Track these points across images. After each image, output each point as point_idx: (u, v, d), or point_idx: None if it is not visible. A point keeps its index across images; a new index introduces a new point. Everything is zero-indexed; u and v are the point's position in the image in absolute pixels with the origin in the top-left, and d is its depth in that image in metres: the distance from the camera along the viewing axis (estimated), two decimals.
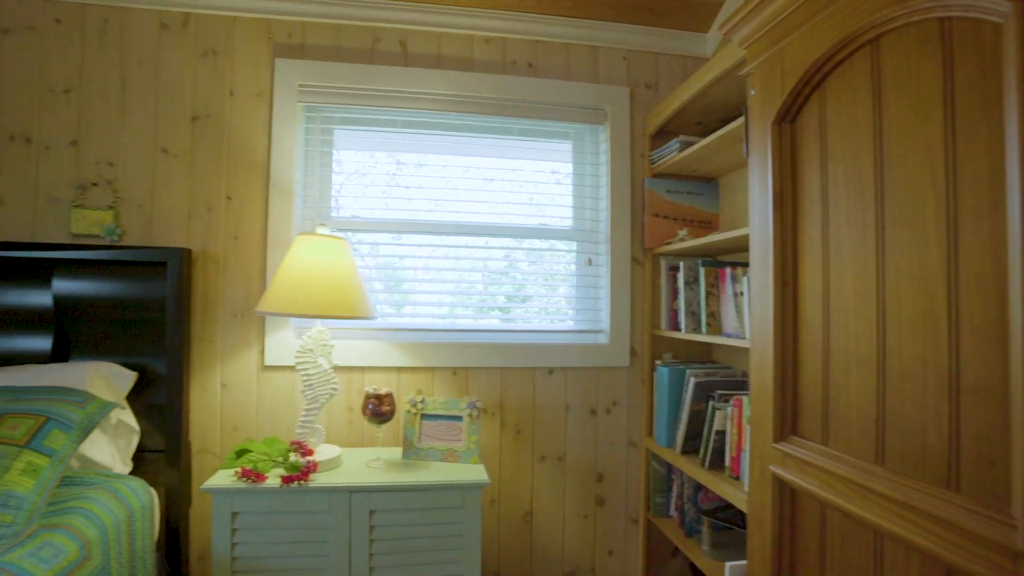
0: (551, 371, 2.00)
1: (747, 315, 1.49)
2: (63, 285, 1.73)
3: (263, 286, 1.87)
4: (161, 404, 1.79)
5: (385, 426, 1.87)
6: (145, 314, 1.78)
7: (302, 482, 1.49)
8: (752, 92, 1.20)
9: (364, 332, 1.94)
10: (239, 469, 1.51)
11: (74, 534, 1.35)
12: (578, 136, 2.12)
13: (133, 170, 1.84)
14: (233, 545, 1.48)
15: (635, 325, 2.05)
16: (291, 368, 1.88)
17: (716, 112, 1.79)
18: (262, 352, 1.87)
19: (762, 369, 1.16)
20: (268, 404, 1.87)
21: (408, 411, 1.73)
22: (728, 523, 1.70)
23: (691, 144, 1.79)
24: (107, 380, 1.69)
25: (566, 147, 2.11)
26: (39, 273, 1.75)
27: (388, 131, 2.00)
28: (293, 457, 1.58)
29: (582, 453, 2.02)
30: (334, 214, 1.99)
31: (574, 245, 2.10)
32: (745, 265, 1.62)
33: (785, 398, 1.11)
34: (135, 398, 1.78)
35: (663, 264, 1.95)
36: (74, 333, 1.78)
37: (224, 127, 1.88)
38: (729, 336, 1.59)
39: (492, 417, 1.96)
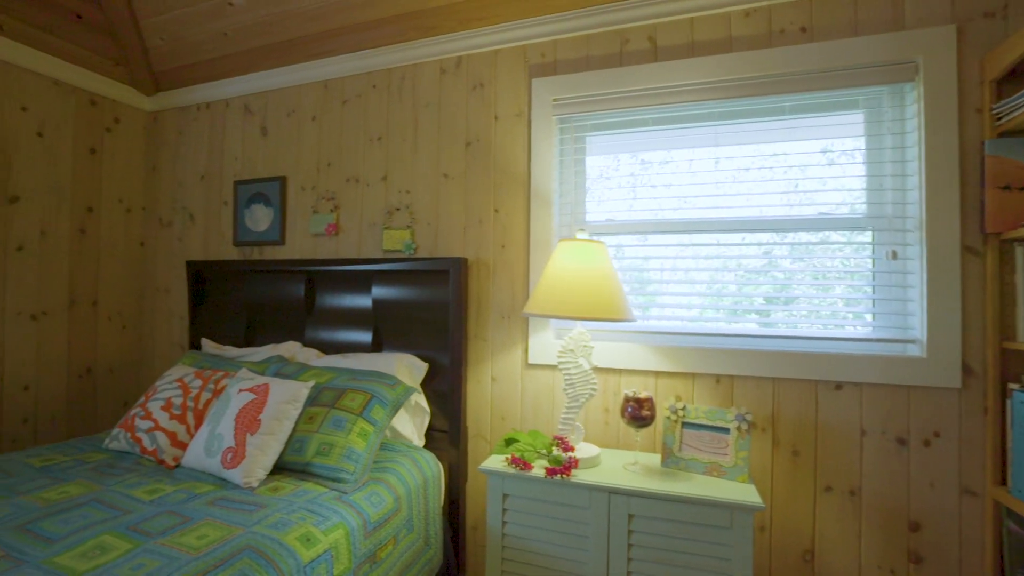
0: (839, 386, 1.66)
1: None
2: (378, 291, 2.19)
3: (526, 289, 2.03)
4: (444, 392, 2.09)
5: (643, 431, 1.82)
6: (432, 314, 2.11)
7: (564, 476, 1.54)
8: None
9: (619, 334, 1.93)
10: (509, 456, 1.65)
11: (390, 488, 1.66)
12: (872, 102, 1.73)
13: (423, 194, 2.22)
14: (504, 523, 1.62)
15: (969, 334, 1.56)
16: (551, 367, 1.98)
17: None
18: (526, 351, 2.02)
19: None
20: (530, 398, 2.01)
21: (668, 417, 1.65)
22: None
23: None
24: (408, 368, 2.05)
25: (854, 118, 1.75)
26: (364, 282, 2.25)
27: (637, 131, 1.97)
28: (556, 451, 1.65)
29: (886, 491, 1.62)
30: (587, 219, 2.04)
31: (867, 236, 1.72)
32: None
33: None
34: (426, 385, 2.11)
35: (1018, 253, 1.44)
36: (384, 329, 2.22)
37: (491, 148, 2.12)
38: None
39: (762, 433, 1.73)
